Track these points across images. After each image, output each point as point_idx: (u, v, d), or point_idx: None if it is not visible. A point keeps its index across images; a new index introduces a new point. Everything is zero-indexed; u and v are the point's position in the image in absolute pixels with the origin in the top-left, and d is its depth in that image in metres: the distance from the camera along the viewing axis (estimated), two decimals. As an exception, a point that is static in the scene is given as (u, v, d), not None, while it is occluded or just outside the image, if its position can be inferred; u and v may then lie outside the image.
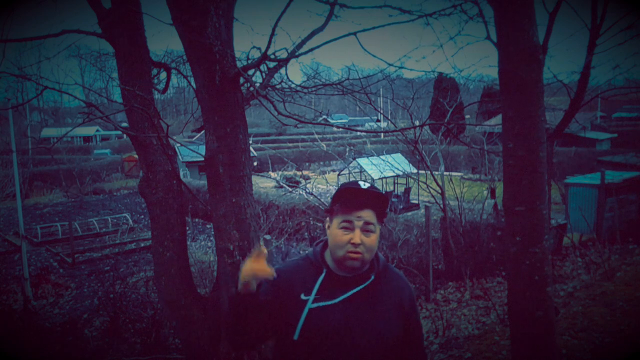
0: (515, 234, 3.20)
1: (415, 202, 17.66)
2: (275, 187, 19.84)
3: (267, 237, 7.01)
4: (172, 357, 6.20)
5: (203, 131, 4.00)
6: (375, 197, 1.76)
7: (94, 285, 10.90)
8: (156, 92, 5.04)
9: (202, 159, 4.00)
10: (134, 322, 7.28)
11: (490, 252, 9.17)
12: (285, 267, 1.88)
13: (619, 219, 10.13)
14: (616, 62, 5.20)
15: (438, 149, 13.46)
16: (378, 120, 29.25)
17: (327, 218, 1.84)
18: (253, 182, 4.19)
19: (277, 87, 4.34)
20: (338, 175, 20.70)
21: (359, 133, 40.33)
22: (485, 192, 11.63)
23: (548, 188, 3.38)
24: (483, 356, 5.10)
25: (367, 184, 1.79)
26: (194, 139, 27.25)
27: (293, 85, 4.42)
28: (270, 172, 23.60)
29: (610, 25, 4.15)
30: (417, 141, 8.26)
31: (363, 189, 1.75)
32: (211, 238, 12.97)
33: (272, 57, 3.86)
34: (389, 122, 12.04)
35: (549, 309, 3.20)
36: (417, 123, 8.04)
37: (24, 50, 39.38)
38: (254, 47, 3.88)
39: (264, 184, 20.67)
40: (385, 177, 17.40)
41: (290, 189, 14.79)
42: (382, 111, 10.15)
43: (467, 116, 33.01)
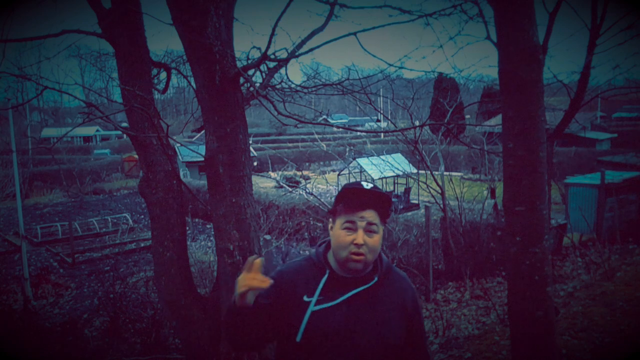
0: (515, 234, 3.20)
1: (415, 202, 17.66)
2: (275, 187, 19.83)
3: (267, 237, 7.02)
4: (172, 357, 6.20)
5: (203, 131, 4.00)
6: (378, 197, 1.75)
7: (94, 285, 10.90)
8: (156, 92, 5.05)
9: (202, 159, 4.00)
10: (134, 322, 7.28)
11: (490, 252, 9.17)
12: (288, 268, 1.87)
13: (619, 219, 10.13)
14: (616, 62, 5.21)
15: (438, 149, 13.45)
16: (378, 120, 29.22)
17: (330, 219, 1.82)
18: (253, 182, 4.19)
19: (277, 87, 4.35)
20: (338, 175, 20.69)
21: (359, 133, 40.31)
22: (485, 192, 11.63)
23: (548, 188, 3.38)
24: (483, 356, 5.10)
25: (370, 184, 1.78)
26: (194, 139, 27.24)
27: (293, 85, 4.42)
28: (270, 172, 23.57)
29: (610, 25, 4.15)
30: (417, 141, 8.26)
31: (366, 189, 1.74)
32: (211, 238, 12.97)
33: (272, 57, 3.87)
34: (389, 122, 12.04)
35: (549, 309, 3.21)
36: (417, 123, 8.03)
37: (24, 50, 39.28)
38: (254, 47, 3.89)
39: (264, 184, 20.67)
40: (385, 177, 17.40)
41: (290, 189, 14.78)
42: (382, 111, 10.14)
43: (467, 116, 32.99)
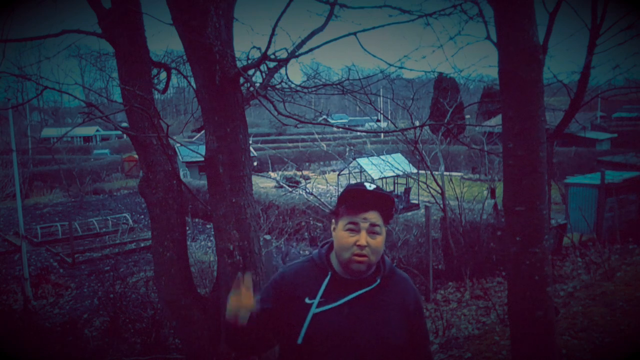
0: (515, 234, 3.20)
1: (415, 202, 17.66)
2: (275, 187, 19.83)
3: (267, 237, 7.02)
4: (172, 357, 6.20)
5: (203, 131, 4.00)
6: (381, 198, 1.74)
7: (94, 285, 10.90)
8: (156, 92, 5.05)
9: (202, 159, 4.00)
10: (134, 322, 7.28)
11: (490, 252, 9.17)
12: (289, 270, 1.85)
13: (619, 219, 10.13)
14: (616, 62, 5.20)
15: (438, 149, 13.44)
16: (378, 120, 29.20)
17: (333, 220, 1.81)
18: (253, 182, 4.19)
19: (277, 87, 4.34)
20: (338, 175, 20.67)
21: (359, 133, 40.27)
22: (485, 192, 11.63)
23: (548, 188, 3.38)
24: (483, 356, 5.09)
25: (373, 185, 1.76)
26: (194, 139, 27.25)
27: (293, 85, 4.42)
28: (270, 172, 23.57)
29: (610, 25, 4.15)
30: (417, 141, 8.25)
31: (369, 190, 1.72)
32: (211, 238, 12.97)
33: (272, 57, 3.87)
34: (389, 122, 12.03)
35: (549, 309, 3.20)
36: (417, 123, 8.04)
37: (24, 50, 39.45)
38: (254, 47, 3.89)
39: (264, 184, 20.67)
40: (385, 177, 17.39)
41: (290, 189, 14.77)
42: (382, 111, 10.14)
43: (467, 116, 32.97)
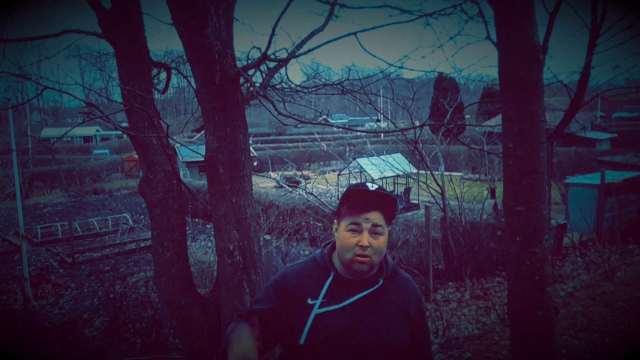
0: (515, 234, 3.20)
1: (415, 202, 17.66)
2: (275, 187, 19.83)
3: (267, 237, 7.02)
4: (172, 357, 6.20)
5: (203, 131, 4.00)
6: (384, 198, 1.73)
7: (94, 285, 10.90)
8: (156, 92, 5.04)
9: (202, 159, 4.00)
10: (134, 322, 7.29)
11: (490, 252, 9.17)
12: (291, 270, 1.84)
13: (619, 219, 10.13)
14: (616, 62, 5.20)
15: (438, 149, 13.43)
16: (378, 120, 29.23)
17: (335, 220, 1.80)
18: (253, 182, 4.19)
19: (277, 87, 4.34)
20: (338, 175, 20.67)
21: (359, 133, 40.29)
22: (485, 192, 11.64)
23: (548, 188, 3.38)
24: (483, 356, 5.10)
25: (375, 185, 1.75)
26: (194, 139, 27.27)
27: (293, 85, 4.41)
28: (270, 172, 23.56)
29: (610, 25, 4.15)
30: (417, 141, 8.25)
31: (371, 190, 1.72)
32: (211, 238, 12.97)
33: (272, 57, 3.86)
34: (389, 122, 12.03)
35: (549, 309, 3.20)
36: (417, 123, 8.04)
37: (24, 50, 39.47)
38: (254, 47, 3.88)
39: (264, 184, 20.67)
40: (385, 177, 17.39)
41: (290, 189, 14.78)
42: (382, 111, 10.13)
43: (467, 116, 32.99)
